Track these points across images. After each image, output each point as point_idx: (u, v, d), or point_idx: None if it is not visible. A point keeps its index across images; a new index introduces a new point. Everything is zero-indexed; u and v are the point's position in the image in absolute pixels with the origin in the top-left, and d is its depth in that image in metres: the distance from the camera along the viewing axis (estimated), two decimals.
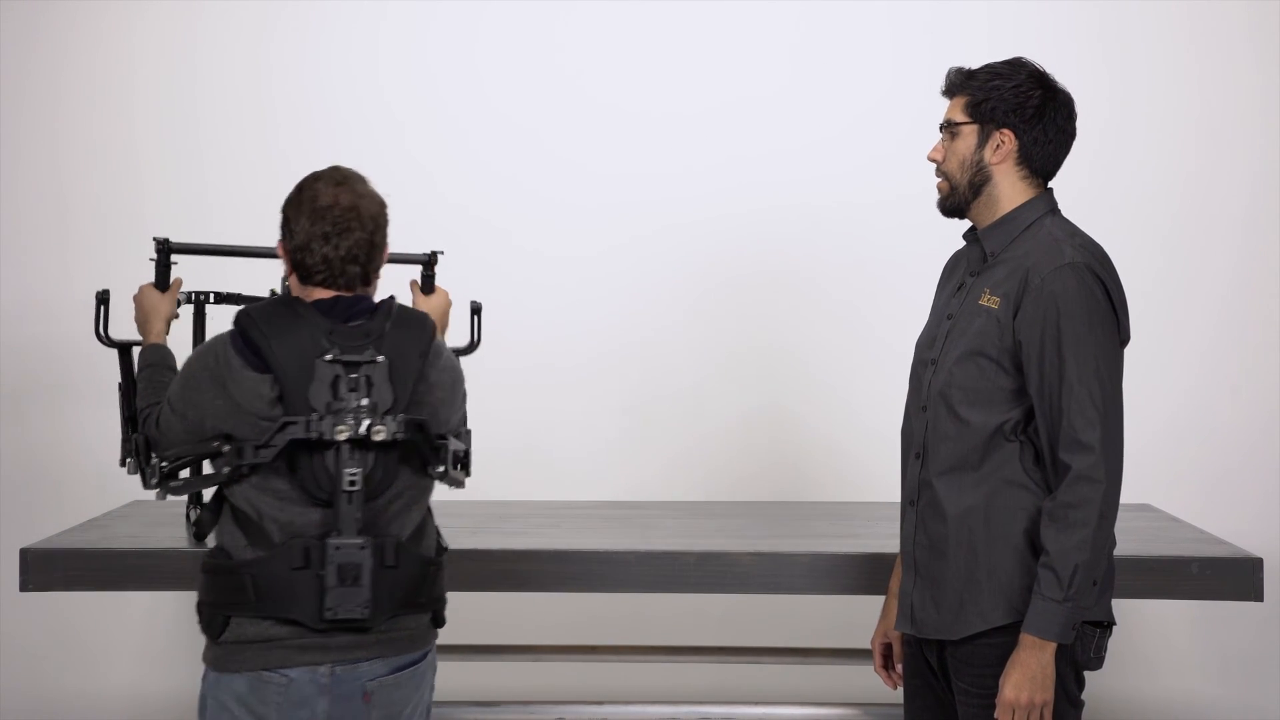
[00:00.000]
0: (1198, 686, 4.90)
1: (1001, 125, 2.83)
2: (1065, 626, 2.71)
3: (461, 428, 2.77)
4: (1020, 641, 2.74)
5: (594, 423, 4.93)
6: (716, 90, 4.99)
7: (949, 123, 2.88)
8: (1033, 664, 2.72)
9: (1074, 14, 4.92)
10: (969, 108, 2.85)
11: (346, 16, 4.99)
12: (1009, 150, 2.84)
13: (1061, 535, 2.70)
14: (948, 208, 2.92)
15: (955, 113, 2.87)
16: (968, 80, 2.87)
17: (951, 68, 2.91)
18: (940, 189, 2.91)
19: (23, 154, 5.01)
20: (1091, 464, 2.70)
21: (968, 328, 2.83)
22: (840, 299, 4.96)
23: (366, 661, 2.64)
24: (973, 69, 2.89)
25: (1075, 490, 2.71)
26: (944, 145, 2.90)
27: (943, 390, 2.84)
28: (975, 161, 2.86)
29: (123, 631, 4.97)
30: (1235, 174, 4.91)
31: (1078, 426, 2.71)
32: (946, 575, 2.83)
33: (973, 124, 2.85)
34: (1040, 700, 2.72)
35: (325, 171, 2.82)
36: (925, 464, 2.87)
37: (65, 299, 5.01)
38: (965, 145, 2.86)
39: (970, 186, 2.87)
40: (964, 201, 2.88)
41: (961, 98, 2.87)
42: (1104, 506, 2.71)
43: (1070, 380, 2.72)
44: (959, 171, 2.87)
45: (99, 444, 4.98)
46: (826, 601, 3.52)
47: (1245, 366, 4.92)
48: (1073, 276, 2.75)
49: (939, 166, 2.91)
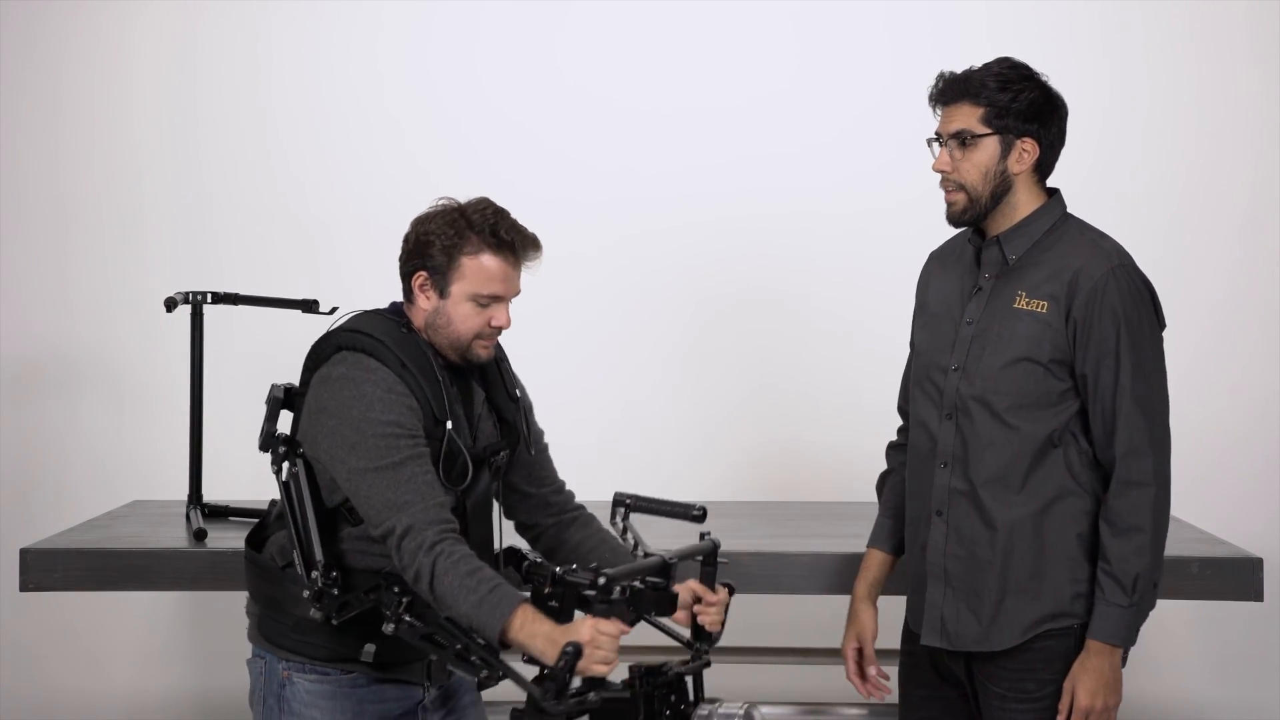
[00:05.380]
0: (1198, 686, 4.89)
1: (1022, 134, 2.80)
2: (1131, 630, 2.76)
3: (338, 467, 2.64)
4: (1088, 648, 2.76)
5: (593, 422, 4.93)
6: (716, 91, 4.98)
7: (964, 133, 2.80)
8: (1105, 669, 2.76)
9: (1074, 14, 4.91)
10: (988, 118, 2.79)
11: (345, 16, 4.99)
12: (1032, 158, 2.82)
13: (1119, 542, 2.74)
14: (966, 219, 2.85)
15: (970, 122, 2.79)
16: (976, 88, 2.80)
17: (945, 73, 2.85)
18: (955, 201, 2.83)
19: (22, 153, 5.00)
20: (1142, 468, 2.74)
21: (1009, 333, 2.80)
22: (840, 300, 4.95)
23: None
24: (970, 73, 2.82)
25: (1129, 496, 2.75)
26: (952, 155, 2.81)
27: (982, 397, 2.80)
28: (999, 172, 2.80)
29: (122, 631, 4.96)
30: (1235, 173, 4.91)
31: (1131, 431, 2.74)
32: (989, 586, 2.82)
33: (992, 134, 2.79)
34: (1114, 703, 2.77)
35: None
36: (957, 473, 2.84)
37: (65, 299, 5.02)
38: (986, 156, 2.80)
39: (993, 197, 2.82)
40: (985, 212, 2.83)
41: (971, 106, 2.79)
42: (1157, 510, 2.75)
43: (1124, 385, 2.74)
44: (981, 183, 2.80)
45: (99, 444, 4.99)
46: (826, 601, 3.52)
47: (1245, 366, 4.92)
48: (1126, 279, 2.77)
49: (947, 177, 2.83)
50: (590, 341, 4.98)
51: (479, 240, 2.66)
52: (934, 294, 2.98)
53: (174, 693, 4.94)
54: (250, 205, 4.99)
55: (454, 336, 2.69)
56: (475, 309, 2.67)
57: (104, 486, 4.72)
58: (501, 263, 2.67)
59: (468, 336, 2.69)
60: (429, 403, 2.65)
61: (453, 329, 2.69)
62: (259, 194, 4.98)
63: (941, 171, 2.83)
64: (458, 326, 2.68)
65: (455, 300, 2.67)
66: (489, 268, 2.66)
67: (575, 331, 4.96)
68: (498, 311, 2.69)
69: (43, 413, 5.01)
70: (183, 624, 4.97)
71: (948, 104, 2.83)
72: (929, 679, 2.95)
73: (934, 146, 2.86)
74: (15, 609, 4.80)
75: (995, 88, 2.79)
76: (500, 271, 2.67)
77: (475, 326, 2.68)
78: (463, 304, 2.67)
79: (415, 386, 2.65)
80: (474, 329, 2.68)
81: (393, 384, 2.64)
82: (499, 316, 2.69)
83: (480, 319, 2.68)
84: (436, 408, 2.66)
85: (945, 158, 2.82)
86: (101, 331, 4.99)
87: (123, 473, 4.87)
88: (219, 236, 5.00)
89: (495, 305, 2.68)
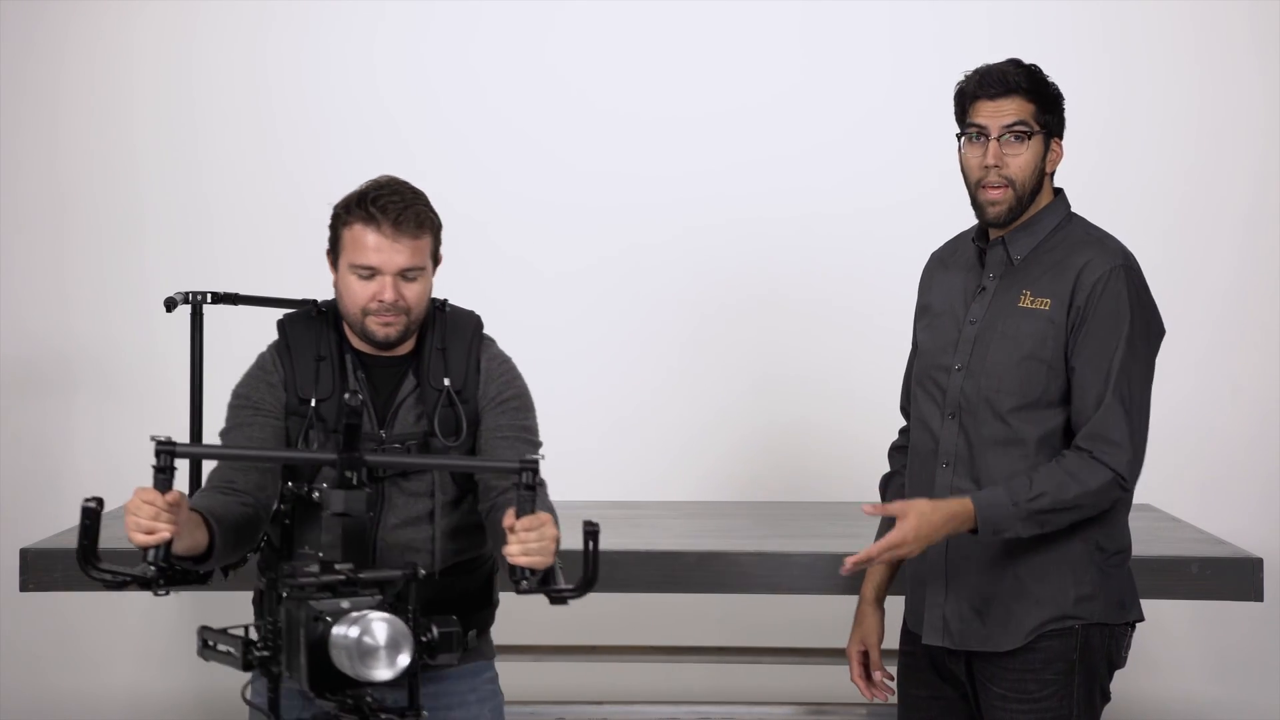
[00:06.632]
0: (1198, 686, 4.89)
1: (1055, 134, 2.80)
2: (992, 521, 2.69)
3: None
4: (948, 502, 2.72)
5: (593, 422, 4.93)
6: (715, 95, 4.98)
7: (1024, 125, 2.75)
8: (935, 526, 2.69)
9: (1075, 15, 4.91)
10: (1038, 115, 2.76)
11: (343, 19, 4.99)
12: (1058, 160, 2.82)
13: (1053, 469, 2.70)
14: (1008, 219, 2.80)
15: (1026, 115, 2.75)
16: (1036, 84, 2.77)
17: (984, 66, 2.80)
18: (1002, 199, 2.77)
19: (22, 154, 5.01)
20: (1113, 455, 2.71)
21: (1015, 332, 2.79)
22: (839, 300, 4.95)
23: None
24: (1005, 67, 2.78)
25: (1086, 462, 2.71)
26: (1005, 149, 2.76)
27: (987, 396, 2.79)
28: (1040, 170, 2.79)
29: (122, 632, 4.96)
30: (1236, 173, 4.91)
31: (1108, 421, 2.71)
32: (992, 586, 2.81)
33: (1041, 132, 2.77)
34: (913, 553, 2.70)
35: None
36: (960, 473, 2.82)
37: (65, 299, 5.02)
38: (1034, 153, 2.77)
39: (1030, 195, 2.79)
40: (1023, 212, 2.80)
41: (1024, 101, 2.75)
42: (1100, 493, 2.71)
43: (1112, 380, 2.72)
44: (1030, 180, 2.77)
45: (99, 444, 4.99)
46: (826, 601, 3.52)
47: (1245, 366, 4.92)
48: (1128, 278, 2.76)
49: (996, 174, 2.76)
50: (593, 344, 4.98)
51: (355, 211, 2.70)
52: (937, 294, 2.96)
53: (174, 693, 4.94)
54: (249, 205, 4.99)
55: (347, 312, 2.74)
56: (358, 281, 2.69)
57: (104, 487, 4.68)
58: (375, 234, 2.68)
59: (356, 311, 2.71)
60: (295, 383, 2.73)
61: (344, 304, 2.74)
62: (258, 194, 4.98)
63: (996, 165, 2.76)
64: (346, 301, 2.72)
65: (342, 274, 2.72)
66: (360, 238, 2.68)
67: (577, 333, 4.96)
68: (381, 285, 2.69)
69: (43, 413, 5.01)
70: (183, 624, 4.97)
71: (995, 97, 2.76)
72: (929, 679, 2.94)
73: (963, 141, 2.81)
74: (15, 609, 4.80)
75: (1042, 86, 2.78)
76: (373, 242, 2.68)
77: (360, 300, 2.70)
78: (346, 276, 2.71)
79: (287, 366, 2.74)
80: (359, 303, 2.70)
81: (264, 362, 2.78)
82: (385, 290, 2.69)
83: (364, 292, 2.69)
84: (303, 387, 2.72)
85: (997, 150, 2.76)
86: (101, 331, 4.99)
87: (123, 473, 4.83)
88: (218, 236, 5.00)
89: (379, 279, 2.69)
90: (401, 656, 2.18)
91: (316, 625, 2.19)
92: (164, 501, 2.39)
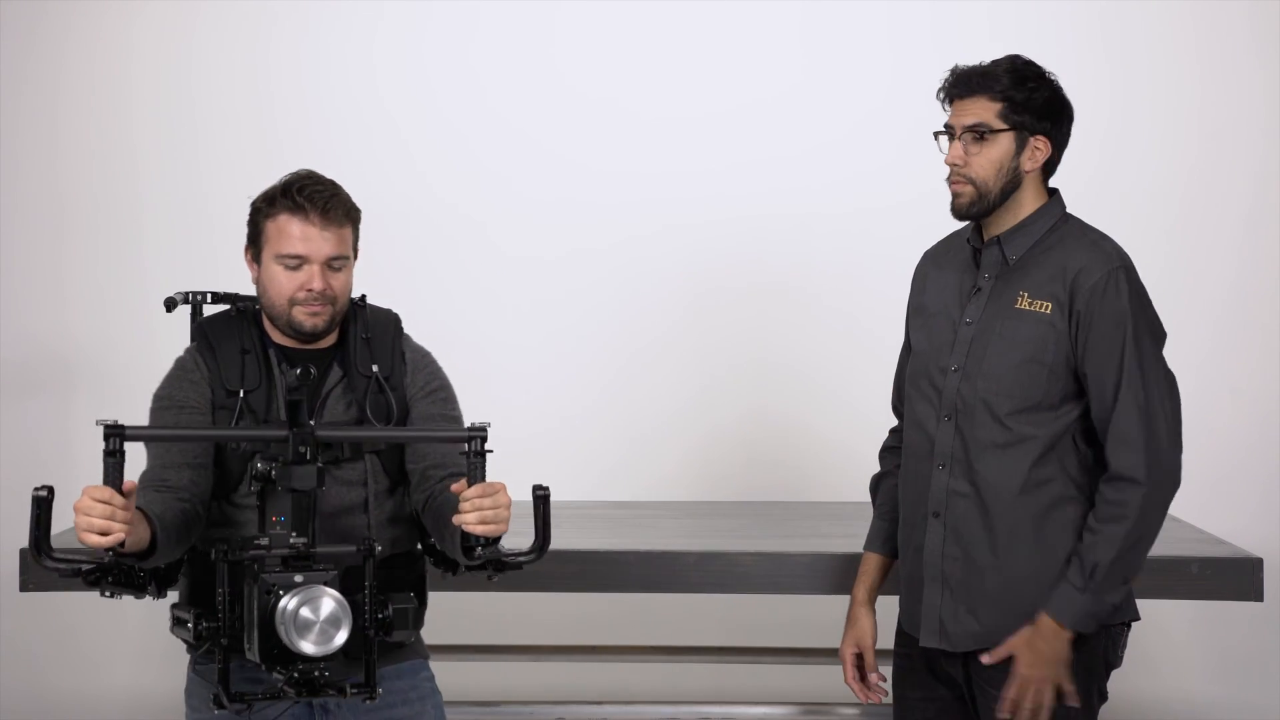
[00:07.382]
0: (1198, 686, 4.89)
1: (1035, 132, 2.80)
2: (1082, 615, 2.73)
3: None
4: (1038, 621, 2.74)
5: (594, 422, 4.93)
6: (715, 94, 4.98)
7: (981, 126, 2.78)
8: (1046, 645, 2.73)
9: (1075, 15, 4.91)
10: (1005, 114, 2.78)
11: (343, 19, 4.99)
12: (1043, 157, 2.82)
13: (1092, 529, 2.73)
14: (971, 214, 2.83)
15: (987, 116, 2.78)
16: (993, 82, 2.78)
17: (960, 66, 2.83)
18: (963, 193, 2.81)
19: (22, 154, 5.01)
20: (1134, 464, 2.73)
21: (1014, 334, 2.79)
22: (838, 301, 4.95)
23: None
24: (986, 67, 2.81)
25: (1115, 487, 2.74)
26: (966, 149, 2.80)
27: (985, 399, 2.79)
28: (1011, 169, 2.80)
29: (122, 632, 4.96)
30: (1236, 174, 4.91)
31: (1126, 428, 2.73)
32: (988, 587, 2.81)
33: (1008, 130, 2.78)
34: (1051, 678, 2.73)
35: None
36: (956, 475, 2.83)
37: (64, 300, 5.01)
38: (1001, 151, 2.78)
39: (1001, 194, 2.80)
40: (992, 208, 2.81)
41: (989, 101, 2.78)
42: (1146, 506, 2.73)
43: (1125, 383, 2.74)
44: (994, 178, 2.79)
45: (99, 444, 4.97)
46: (826, 601, 3.52)
47: (1245, 367, 4.92)
48: (1126, 279, 2.77)
49: (957, 170, 2.81)
50: (593, 345, 4.98)
51: (281, 202, 2.73)
52: (931, 294, 2.96)
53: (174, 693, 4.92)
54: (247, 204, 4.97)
55: (271, 304, 2.74)
56: (285, 272, 2.71)
57: None
58: (302, 223, 2.70)
59: (283, 302, 2.72)
60: (220, 377, 2.75)
61: (268, 296, 2.75)
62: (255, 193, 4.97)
63: (953, 165, 2.81)
64: (271, 292, 2.73)
65: (266, 266, 2.74)
66: (286, 228, 2.71)
67: (574, 332, 4.96)
68: (309, 274, 2.70)
69: (42, 413, 5.01)
70: None
71: (962, 97, 2.81)
72: (924, 680, 2.94)
73: (941, 140, 2.85)
74: (15, 609, 4.80)
75: (1012, 83, 2.78)
76: (300, 231, 2.70)
77: (288, 291, 2.71)
78: (271, 267, 2.72)
79: (209, 363, 2.77)
80: (286, 294, 2.71)
81: (184, 363, 2.82)
82: (314, 280, 2.70)
83: (291, 283, 2.71)
84: (229, 380, 2.74)
85: (958, 151, 2.80)
86: (101, 331, 4.99)
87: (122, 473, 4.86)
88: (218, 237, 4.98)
89: (306, 268, 2.70)
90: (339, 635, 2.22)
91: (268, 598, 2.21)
92: (120, 500, 2.40)
